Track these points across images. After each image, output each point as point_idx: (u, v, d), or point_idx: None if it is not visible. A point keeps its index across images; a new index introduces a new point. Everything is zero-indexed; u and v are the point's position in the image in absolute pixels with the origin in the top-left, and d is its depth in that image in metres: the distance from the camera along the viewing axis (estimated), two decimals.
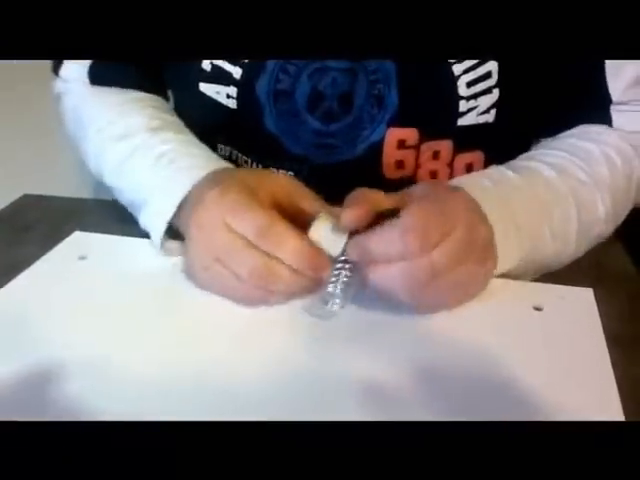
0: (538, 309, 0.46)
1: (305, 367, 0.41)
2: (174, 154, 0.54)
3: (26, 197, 0.68)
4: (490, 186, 0.49)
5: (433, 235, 0.41)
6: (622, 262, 0.53)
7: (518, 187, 0.50)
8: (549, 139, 0.59)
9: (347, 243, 0.44)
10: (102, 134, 0.60)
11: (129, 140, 0.57)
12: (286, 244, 0.43)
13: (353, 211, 0.43)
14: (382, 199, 0.45)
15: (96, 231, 0.57)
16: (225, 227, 0.44)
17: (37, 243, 0.56)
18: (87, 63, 0.63)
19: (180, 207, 0.50)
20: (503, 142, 0.59)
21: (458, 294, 0.45)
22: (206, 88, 0.60)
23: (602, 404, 0.38)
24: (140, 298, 0.48)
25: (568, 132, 0.58)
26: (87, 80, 0.64)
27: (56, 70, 0.66)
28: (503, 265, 0.46)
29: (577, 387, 0.39)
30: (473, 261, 0.43)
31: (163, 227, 0.51)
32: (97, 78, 0.64)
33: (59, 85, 0.67)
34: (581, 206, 0.51)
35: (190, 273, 0.49)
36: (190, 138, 0.59)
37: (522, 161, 0.55)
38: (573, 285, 0.49)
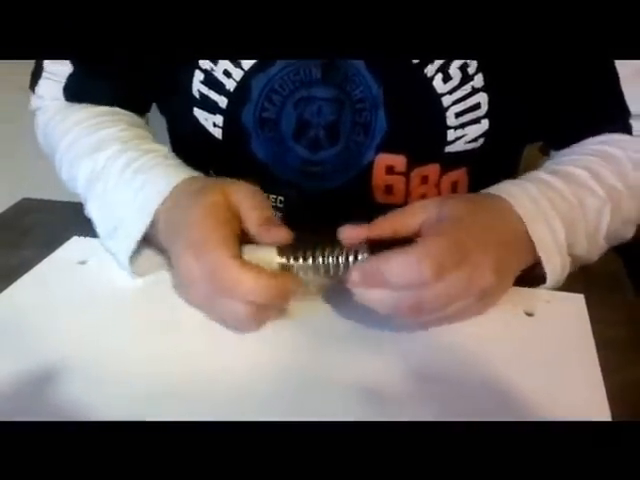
0: (529, 314, 0.47)
1: (302, 368, 0.42)
2: (144, 166, 0.53)
3: (25, 201, 0.69)
4: (535, 193, 0.49)
5: (447, 265, 0.41)
6: (613, 268, 0.54)
7: (561, 192, 0.50)
8: (573, 146, 0.59)
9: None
10: (72, 149, 0.59)
11: (99, 153, 0.56)
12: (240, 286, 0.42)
13: (352, 230, 0.44)
14: (400, 225, 0.45)
15: (94, 235, 0.57)
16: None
17: (36, 247, 0.57)
18: (63, 81, 0.63)
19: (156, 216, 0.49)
20: (488, 162, 0.59)
21: (444, 323, 0.45)
22: (199, 114, 0.60)
23: (591, 408, 0.39)
24: (139, 302, 0.49)
25: (592, 139, 0.58)
26: (62, 97, 0.63)
27: (32, 87, 0.66)
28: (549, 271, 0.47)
29: (566, 391, 0.40)
30: (468, 301, 0.43)
31: (131, 248, 0.50)
32: (72, 95, 0.63)
33: (35, 101, 0.67)
34: (613, 209, 0.51)
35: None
36: (159, 148, 0.57)
37: (556, 165, 0.54)
38: (564, 291, 0.49)
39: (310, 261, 0.44)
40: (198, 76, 0.58)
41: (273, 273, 0.43)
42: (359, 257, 0.44)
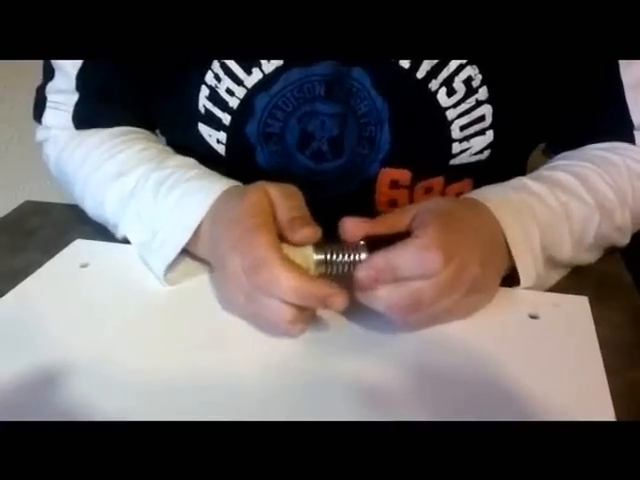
0: (534, 317, 0.47)
1: (304, 370, 0.42)
2: (178, 180, 0.53)
3: (28, 203, 0.69)
4: (514, 198, 0.49)
5: (450, 254, 0.42)
6: (618, 270, 0.54)
7: (541, 198, 0.50)
8: (574, 150, 0.59)
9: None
10: (94, 177, 0.58)
11: (126, 177, 0.56)
12: (280, 285, 0.42)
13: (353, 225, 0.44)
14: (395, 221, 0.46)
15: (97, 238, 0.58)
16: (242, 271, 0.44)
17: (39, 250, 0.57)
18: (70, 109, 0.62)
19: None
20: (493, 172, 0.59)
21: (437, 321, 0.45)
22: (203, 130, 0.60)
23: (595, 409, 0.39)
24: (141, 305, 0.49)
25: (594, 145, 0.58)
26: (71, 125, 0.62)
27: (38, 117, 0.64)
28: (525, 282, 0.48)
29: (571, 393, 0.40)
30: (458, 294, 0.43)
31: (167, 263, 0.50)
32: (83, 122, 0.62)
33: (41, 133, 0.65)
34: (602, 216, 0.51)
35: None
36: (187, 161, 0.57)
37: (547, 171, 0.55)
38: (568, 293, 0.49)
39: (322, 257, 0.44)
40: (204, 91, 0.58)
41: (314, 277, 0.43)
42: (362, 256, 0.44)
